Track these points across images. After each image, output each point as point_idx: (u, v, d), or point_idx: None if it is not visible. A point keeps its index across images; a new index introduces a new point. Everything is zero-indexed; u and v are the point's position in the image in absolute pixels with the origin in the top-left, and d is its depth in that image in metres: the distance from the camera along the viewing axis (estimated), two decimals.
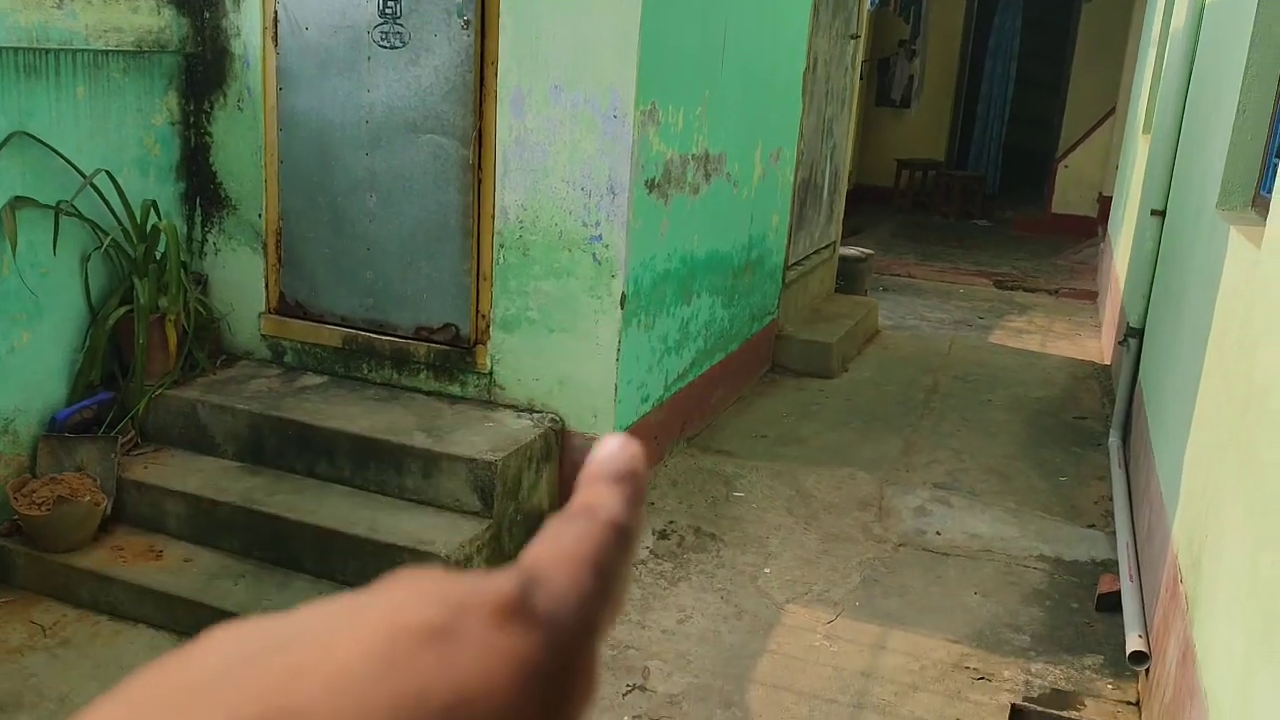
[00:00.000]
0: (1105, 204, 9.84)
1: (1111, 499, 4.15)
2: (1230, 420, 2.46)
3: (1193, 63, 4.43)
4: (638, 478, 0.30)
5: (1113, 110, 10.27)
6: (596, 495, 0.29)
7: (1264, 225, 2.77)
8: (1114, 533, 3.86)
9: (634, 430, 3.81)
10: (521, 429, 3.59)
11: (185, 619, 3.10)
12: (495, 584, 0.24)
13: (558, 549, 0.27)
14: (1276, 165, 2.96)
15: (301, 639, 0.23)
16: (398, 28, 3.57)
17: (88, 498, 3.31)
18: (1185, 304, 3.57)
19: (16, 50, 3.26)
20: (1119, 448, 4.56)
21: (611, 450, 0.31)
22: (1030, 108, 12.21)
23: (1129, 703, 2.94)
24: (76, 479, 3.39)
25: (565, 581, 0.26)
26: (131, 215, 3.63)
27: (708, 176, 4.16)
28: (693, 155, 3.96)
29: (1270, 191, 2.96)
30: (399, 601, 0.24)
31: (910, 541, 3.77)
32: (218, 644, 0.24)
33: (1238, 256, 2.75)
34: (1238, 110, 3.13)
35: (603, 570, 0.27)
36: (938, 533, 3.84)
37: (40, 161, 3.39)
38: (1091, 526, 3.98)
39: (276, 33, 3.74)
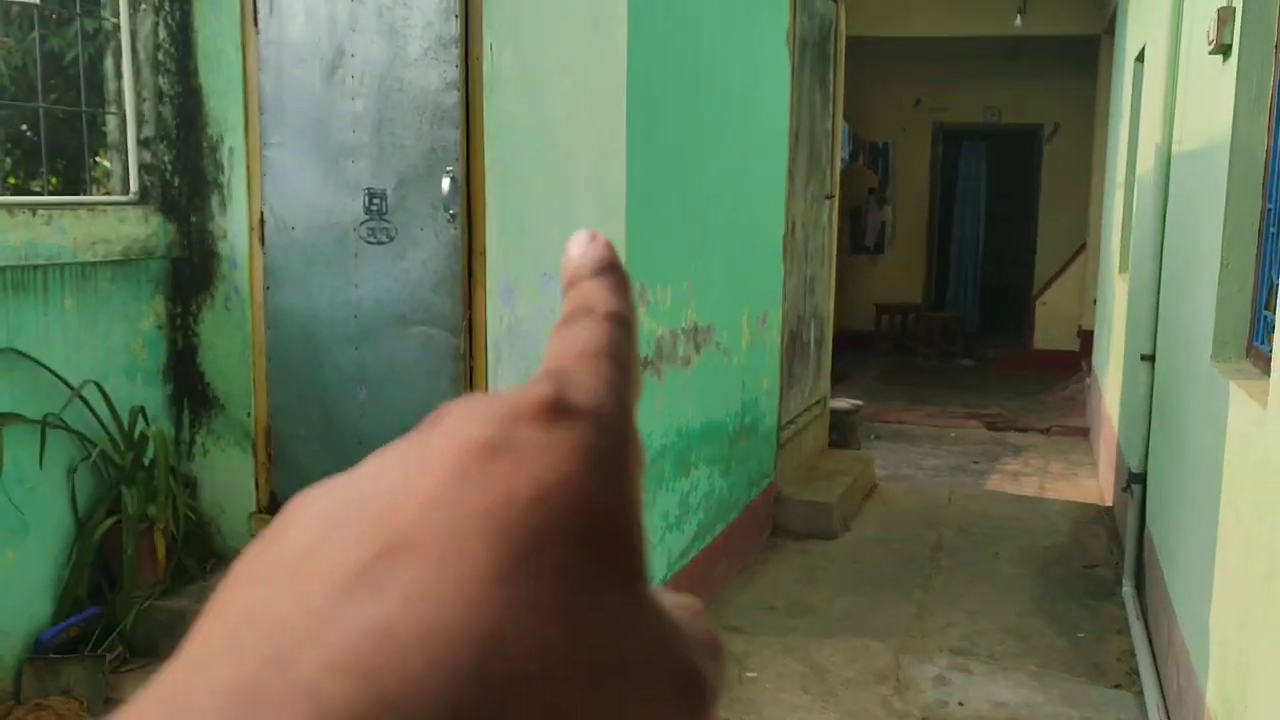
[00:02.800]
0: (1086, 338, 9.93)
1: (1133, 654, 4.03)
2: (1257, 589, 2.39)
3: (1165, 208, 4.52)
4: (617, 266, 0.31)
5: (1083, 246, 10.48)
6: (586, 293, 0.30)
7: (1262, 379, 2.76)
8: (1141, 692, 3.73)
9: None
10: None
11: None
12: (532, 391, 0.25)
13: (573, 349, 0.28)
14: (1266, 318, 2.97)
15: (378, 486, 0.24)
16: (384, 224, 3.60)
17: None
18: (1189, 454, 3.54)
19: (5, 269, 3.27)
20: (1134, 598, 4.46)
21: (582, 246, 0.32)
22: (1003, 246, 12.46)
23: None
24: (63, 703, 3.25)
25: (590, 373, 0.27)
26: (119, 423, 3.58)
27: (698, 348, 4.16)
28: (683, 329, 3.97)
29: (1263, 342, 2.97)
30: (452, 428, 0.24)
31: (933, 715, 3.63)
32: (305, 510, 0.24)
33: (1242, 413, 2.73)
34: (1221, 264, 3.16)
35: (618, 356, 0.28)
36: (960, 703, 3.71)
37: (27, 376, 3.36)
38: (1117, 687, 3.85)
39: (263, 233, 3.77)
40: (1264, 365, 2.80)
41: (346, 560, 0.22)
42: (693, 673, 0.23)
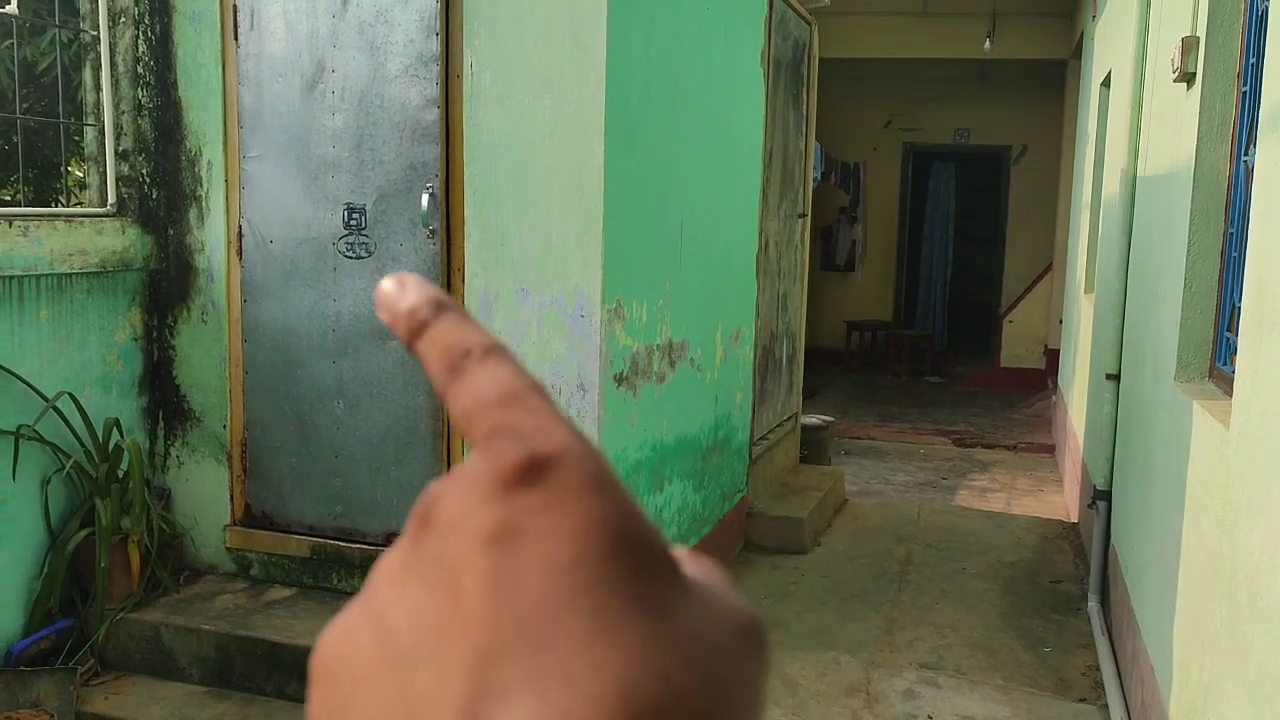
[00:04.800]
0: (1052, 356, 10.06)
1: (1098, 669, 4.10)
2: (1219, 603, 2.46)
3: (1130, 231, 4.61)
4: (447, 299, 0.29)
5: (1050, 266, 10.62)
6: (448, 339, 0.28)
7: (1224, 399, 2.83)
8: (1105, 705, 3.80)
9: None
10: None
11: None
12: (502, 458, 0.25)
13: (491, 398, 0.27)
14: (1228, 340, 3.05)
15: (413, 612, 0.24)
16: (363, 238, 3.62)
17: None
18: (1153, 472, 3.61)
19: None
20: (1099, 613, 4.53)
21: (398, 293, 0.30)
22: (971, 265, 12.61)
23: None
24: (32, 716, 3.23)
25: (527, 413, 0.26)
26: (94, 435, 3.57)
27: (673, 364, 4.20)
28: (657, 345, 4.01)
29: (1225, 364, 3.05)
30: (452, 527, 0.24)
31: None
32: (351, 661, 0.24)
33: (1205, 433, 2.80)
34: (1185, 286, 3.24)
35: (531, 384, 0.27)
36: (929, 716, 3.75)
37: (1, 387, 3.34)
38: (1083, 700, 3.91)
39: (241, 246, 3.78)
40: (1226, 386, 2.88)
41: (455, 688, 0.22)
42: (746, 612, 0.25)
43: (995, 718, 3.76)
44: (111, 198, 3.82)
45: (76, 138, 3.98)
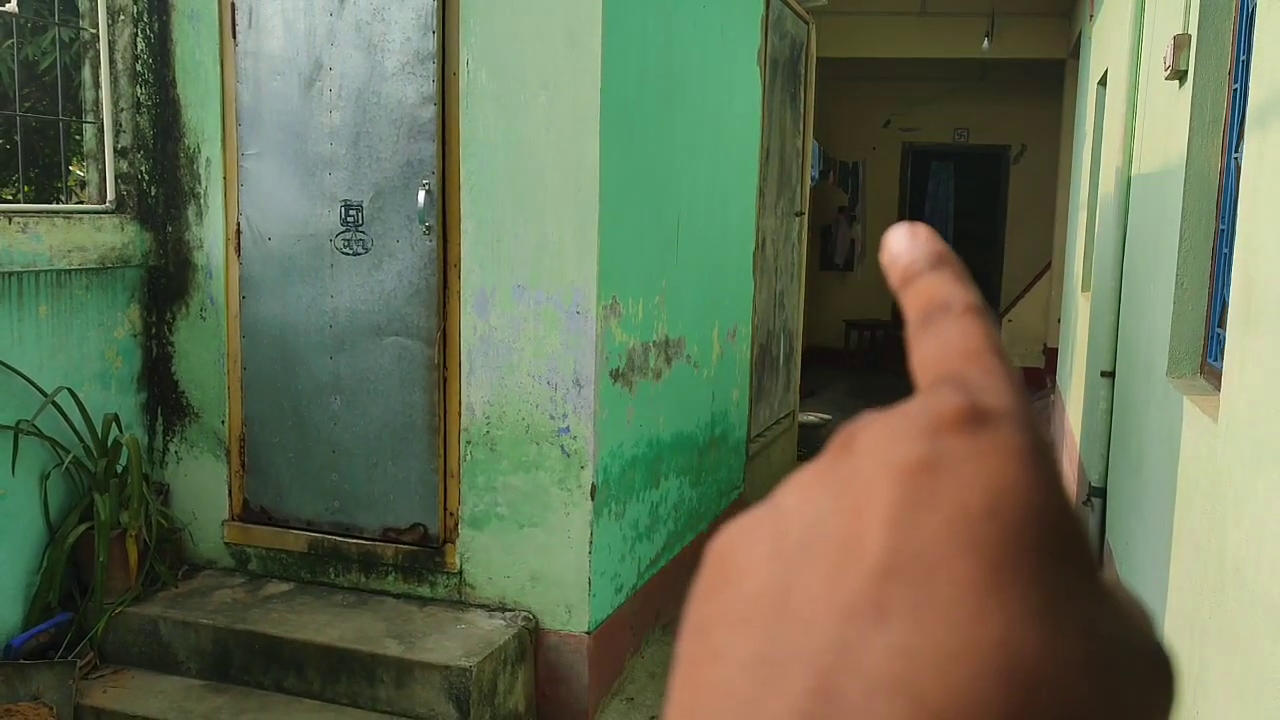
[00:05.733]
0: (1051, 355, 10.08)
1: None
2: (1207, 596, 2.48)
3: (1125, 230, 4.63)
4: (950, 256, 0.30)
5: (1048, 266, 10.64)
6: (934, 290, 0.29)
7: (1214, 394, 2.85)
8: None
9: (610, 623, 3.75)
10: (494, 630, 3.51)
11: None
12: (943, 401, 0.24)
13: (953, 350, 0.27)
14: (1219, 335, 3.07)
15: (816, 517, 0.24)
16: (360, 235, 3.64)
17: None
18: (1145, 468, 3.63)
19: None
20: None
21: (905, 242, 0.30)
22: (970, 264, 12.52)
23: None
24: (32, 709, 3.26)
25: (984, 372, 0.26)
26: (93, 430, 3.60)
27: (669, 360, 4.22)
28: (654, 342, 4.03)
29: (1216, 360, 3.07)
30: (876, 450, 0.24)
31: None
32: (746, 551, 0.25)
33: (1194, 427, 2.81)
34: (1177, 283, 3.26)
35: (998, 349, 0.27)
36: None
37: (0, 382, 3.37)
38: None
39: (239, 243, 3.80)
40: (1216, 381, 2.89)
41: (837, 593, 0.22)
42: (1161, 649, 0.24)
43: None
44: (111, 195, 3.85)
45: (77, 137, 4.01)
